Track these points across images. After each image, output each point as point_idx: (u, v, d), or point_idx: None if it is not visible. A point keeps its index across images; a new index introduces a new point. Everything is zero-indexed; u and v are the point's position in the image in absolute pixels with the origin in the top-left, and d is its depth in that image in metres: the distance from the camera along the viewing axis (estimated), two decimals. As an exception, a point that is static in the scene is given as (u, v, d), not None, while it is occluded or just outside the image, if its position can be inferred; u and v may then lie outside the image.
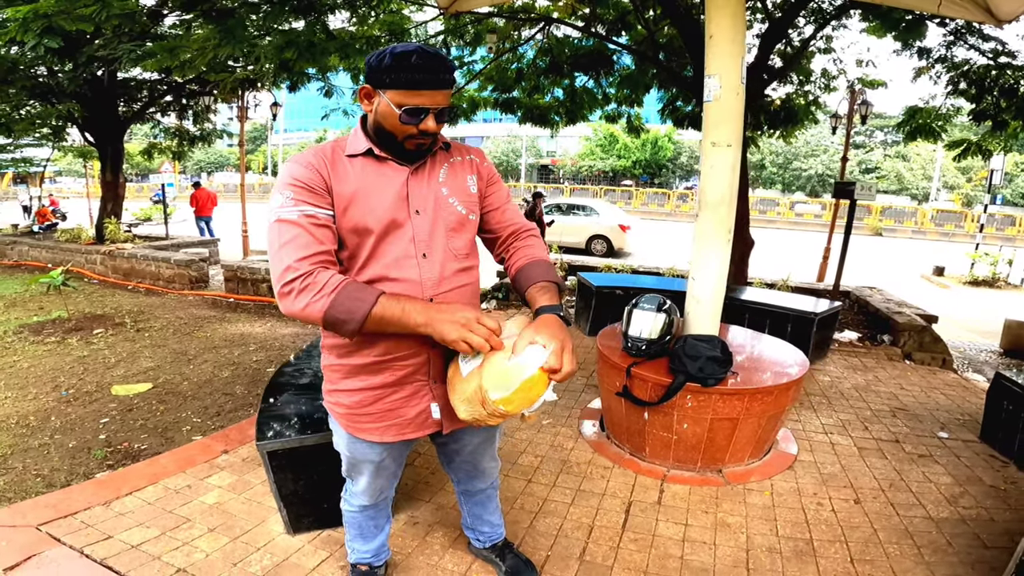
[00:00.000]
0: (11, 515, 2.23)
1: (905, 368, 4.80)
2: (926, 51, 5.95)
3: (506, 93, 7.19)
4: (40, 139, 12.05)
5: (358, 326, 1.32)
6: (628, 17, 6.33)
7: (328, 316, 1.32)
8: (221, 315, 6.24)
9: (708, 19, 2.81)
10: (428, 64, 1.34)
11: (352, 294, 1.33)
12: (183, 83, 9.24)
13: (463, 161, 1.59)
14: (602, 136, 39.73)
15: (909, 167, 38.01)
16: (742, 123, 2.93)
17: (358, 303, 1.32)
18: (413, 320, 1.35)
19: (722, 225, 2.95)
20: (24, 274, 8.54)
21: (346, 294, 1.32)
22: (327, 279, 1.33)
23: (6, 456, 2.99)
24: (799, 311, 4.62)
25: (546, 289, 1.53)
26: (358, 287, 1.35)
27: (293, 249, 1.34)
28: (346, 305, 1.32)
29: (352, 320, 1.32)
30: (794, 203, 30.11)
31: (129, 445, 3.17)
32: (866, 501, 2.69)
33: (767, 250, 10.48)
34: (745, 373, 2.92)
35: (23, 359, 4.60)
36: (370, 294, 1.34)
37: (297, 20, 4.76)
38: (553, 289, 1.55)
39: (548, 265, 1.61)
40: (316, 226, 1.38)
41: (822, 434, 3.41)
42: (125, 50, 4.85)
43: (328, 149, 1.46)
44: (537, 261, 1.61)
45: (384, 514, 1.90)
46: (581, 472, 2.86)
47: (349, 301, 1.32)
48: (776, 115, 7.12)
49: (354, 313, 1.32)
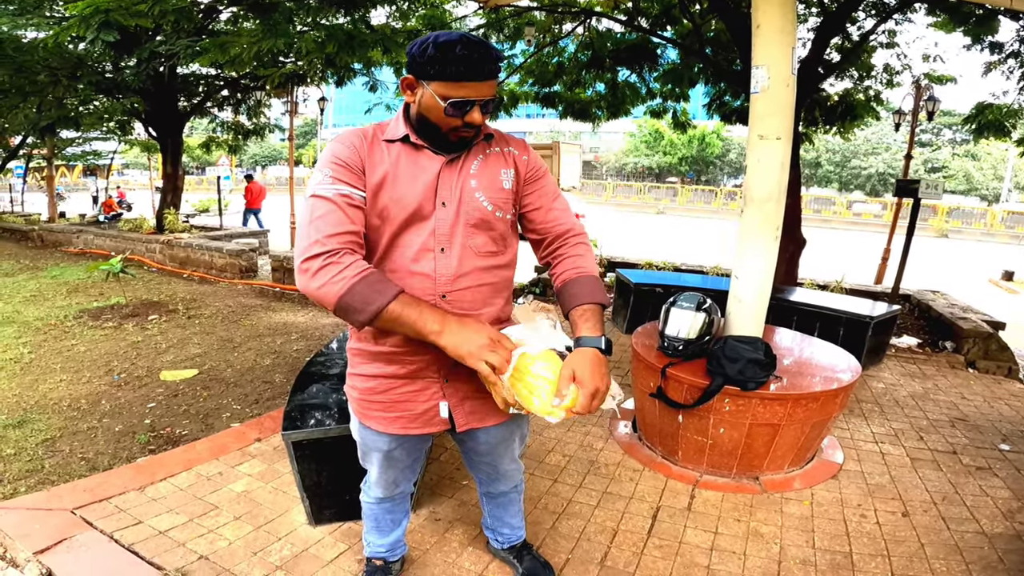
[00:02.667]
0: (48, 499, 2.31)
1: (968, 377, 4.52)
2: (998, 46, 5.60)
3: (547, 87, 7.14)
4: (107, 133, 12.73)
5: (369, 318, 1.29)
6: (673, 11, 6.17)
7: (342, 301, 1.28)
8: (267, 304, 6.42)
9: (755, 8, 2.68)
10: (473, 55, 1.28)
11: (373, 285, 1.29)
12: (237, 78, 9.55)
13: (500, 153, 1.51)
14: (647, 132, 39.06)
15: (979, 166, 35.87)
16: (792, 116, 2.79)
17: (376, 295, 1.29)
18: (428, 328, 1.32)
19: (769, 222, 2.81)
20: (88, 261, 9.00)
21: (367, 283, 1.29)
22: (351, 263, 1.30)
23: (55, 439, 3.13)
24: (853, 314, 4.39)
25: (590, 315, 1.47)
26: (380, 278, 1.31)
27: (323, 225, 1.32)
28: (364, 295, 1.28)
29: (365, 311, 1.28)
30: (852, 202, 28.93)
31: (171, 430, 3.27)
32: (915, 514, 2.52)
33: (821, 250, 10.06)
34: (790, 377, 2.77)
35: (80, 343, 4.83)
36: (391, 288, 1.30)
37: (340, 15, 4.83)
38: (598, 314, 1.48)
39: (595, 282, 1.52)
40: (350, 206, 1.35)
41: (872, 443, 3.23)
42: (183, 46, 5.04)
43: (369, 131, 1.44)
44: (585, 277, 1.52)
45: (402, 508, 1.89)
46: (609, 474, 2.78)
47: (369, 291, 1.29)
48: (833, 110, 6.82)
49: (369, 304, 1.28)
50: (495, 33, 6.29)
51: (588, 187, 34.57)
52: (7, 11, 6.94)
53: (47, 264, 8.67)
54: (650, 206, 29.83)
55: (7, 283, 7.24)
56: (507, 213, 1.51)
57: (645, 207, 29.74)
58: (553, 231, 1.57)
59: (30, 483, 2.65)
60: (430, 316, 1.32)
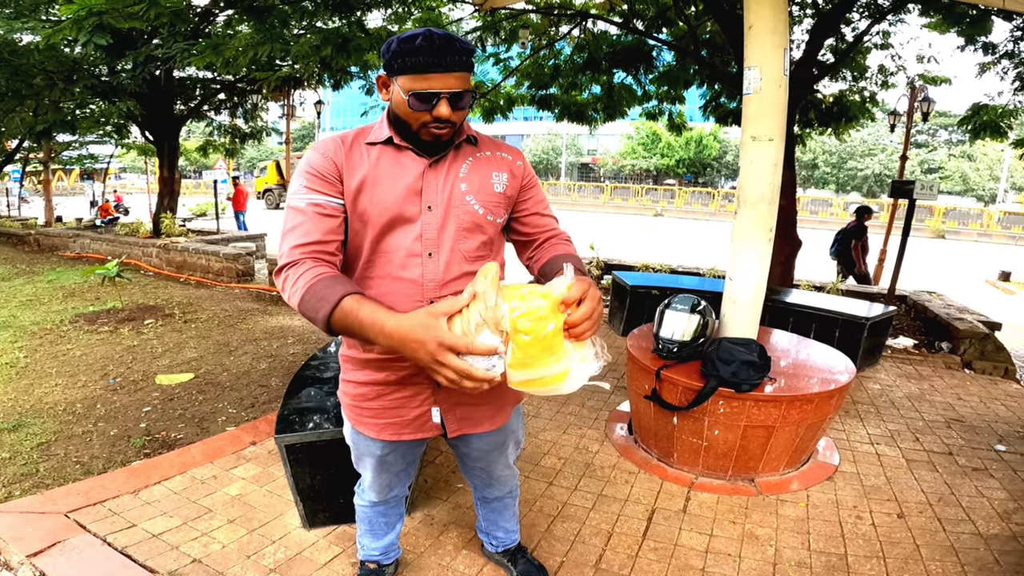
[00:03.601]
0: (43, 502, 2.31)
1: (964, 377, 4.53)
2: (992, 46, 5.63)
3: (543, 90, 7.14)
4: (103, 136, 12.70)
5: (324, 326, 1.24)
6: (668, 13, 6.17)
7: (301, 312, 1.28)
8: (263, 308, 6.40)
9: (747, 8, 2.69)
10: (434, 46, 1.26)
11: (318, 292, 1.24)
12: (234, 81, 9.54)
13: (492, 157, 1.49)
14: (644, 134, 39.11)
15: (975, 167, 35.96)
16: (785, 117, 2.80)
17: (321, 302, 1.23)
18: (376, 336, 1.20)
19: (762, 224, 2.83)
20: (84, 266, 8.97)
21: (312, 292, 1.25)
22: (302, 272, 1.28)
23: (50, 442, 3.12)
24: (848, 315, 4.40)
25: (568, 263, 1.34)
26: (326, 285, 1.25)
27: (292, 237, 1.33)
28: (311, 303, 1.25)
29: (317, 319, 1.24)
30: (848, 203, 28.93)
31: (167, 434, 3.26)
32: (910, 515, 2.53)
33: (817, 251, 10.07)
34: (785, 379, 2.78)
35: (76, 347, 4.82)
36: (334, 294, 1.23)
37: (335, 19, 4.83)
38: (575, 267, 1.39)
39: (576, 258, 1.48)
40: (320, 215, 1.35)
41: (868, 444, 3.23)
42: (179, 49, 5.03)
43: (349, 136, 1.44)
44: (565, 255, 1.50)
45: (396, 512, 1.88)
46: (605, 476, 2.78)
47: (314, 300, 1.24)
48: (828, 112, 6.83)
49: (317, 312, 1.23)
50: (491, 36, 6.30)
51: (586, 190, 34.58)
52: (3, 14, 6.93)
53: (43, 268, 8.64)
54: (648, 208, 29.81)
55: (3, 287, 7.22)
56: (498, 217, 1.50)
57: (643, 209, 29.72)
58: (543, 236, 1.58)
59: (25, 486, 2.64)
60: (377, 322, 1.20)
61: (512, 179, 1.51)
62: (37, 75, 7.41)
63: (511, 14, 6.15)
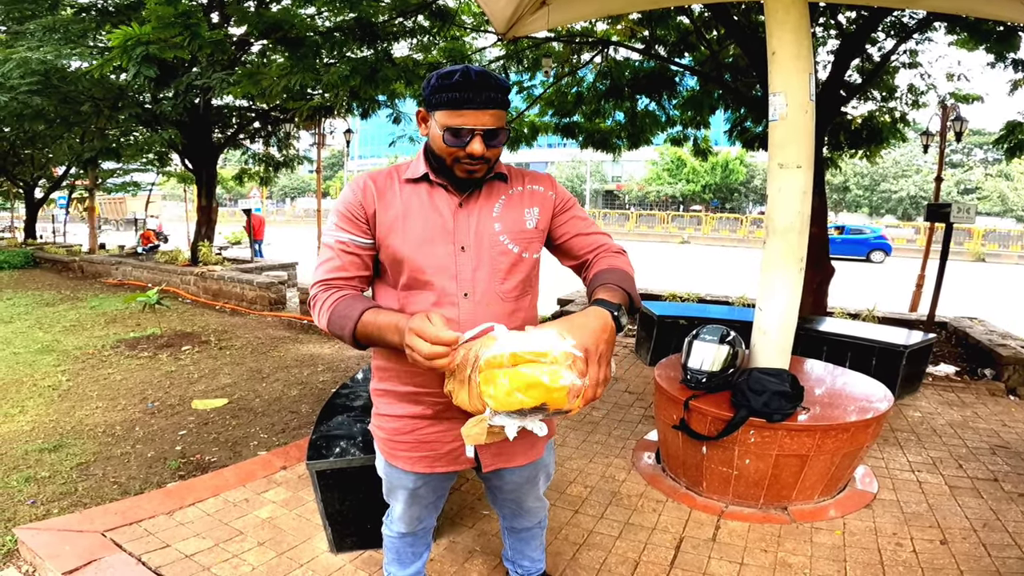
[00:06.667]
0: (80, 520, 2.37)
1: (1009, 404, 4.36)
2: (1022, 63, 5.51)
3: (566, 117, 7.18)
4: (146, 164, 13.17)
5: (351, 342, 1.34)
6: (690, 38, 6.20)
7: (330, 331, 1.37)
8: (295, 336, 6.52)
9: (769, 35, 2.71)
10: (471, 82, 1.29)
11: (341, 311, 1.35)
12: (268, 110, 9.84)
13: (524, 192, 1.49)
14: (669, 160, 38.94)
15: (1013, 187, 34.92)
16: (812, 142, 2.78)
17: (345, 320, 1.34)
18: (390, 339, 1.28)
19: (792, 253, 2.78)
20: (126, 292, 9.28)
21: (336, 312, 1.35)
22: (327, 295, 1.39)
23: (90, 463, 3.22)
24: (885, 343, 4.30)
25: (609, 290, 1.34)
26: (348, 304, 1.35)
27: (322, 271, 1.43)
28: (337, 323, 1.35)
29: (344, 336, 1.34)
30: (883, 227, 28.29)
31: (201, 457, 3.34)
32: (954, 541, 2.44)
33: (851, 278, 9.83)
34: (820, 407, 2.72)
35: (117, 372, 4.97)
36: (355, 311, 1.33)
37: (363, 49, 4.98)
38: (618, 292, 1.34)
39: (624, 273, 1.44)
40: (345, 253, 1.43)
41: (908, 472, 3.13)
42: (218, 78, 5.24)
43: (384, 174, 1.47)
44: (613, 268, 1.45)
45: (424, 542, 1.87)
46: (632, 505, 2.74)
47: (339, 319, 1.34)
48: (857, 134, 6.74)
49: (343, 330, 1.34)
50: (514, 64, 6.42)
51: (610, 217, 34.48)
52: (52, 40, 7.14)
53: (87, 295, 8.96)
54: (674, 236, 29.51)
55: (48, 313, 7.51)
56: (533, 253, 1.50)
57: (669, 237, 29.47)
58: (590, 255, 1.55)
59: (63, 505, 2.72)
60: (386, 328, 1.29)
61: (543, 212, 1.52)
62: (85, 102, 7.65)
63: (534, 43, 6.26)
